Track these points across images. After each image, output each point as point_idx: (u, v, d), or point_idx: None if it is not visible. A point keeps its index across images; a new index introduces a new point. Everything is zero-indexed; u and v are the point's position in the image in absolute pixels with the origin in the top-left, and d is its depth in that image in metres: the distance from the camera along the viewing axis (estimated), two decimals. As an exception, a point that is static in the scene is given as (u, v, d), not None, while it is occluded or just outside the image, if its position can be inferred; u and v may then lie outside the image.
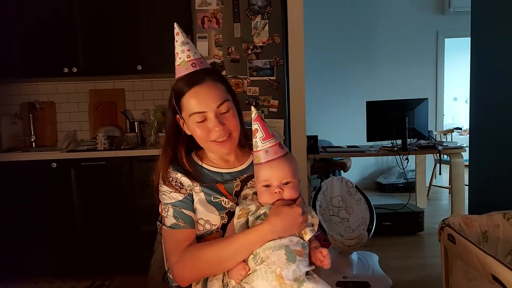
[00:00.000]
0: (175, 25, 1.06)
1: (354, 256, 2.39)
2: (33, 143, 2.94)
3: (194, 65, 1.02)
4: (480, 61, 2.41)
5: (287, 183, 0.97)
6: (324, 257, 0.93)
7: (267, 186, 0.97)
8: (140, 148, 2.67)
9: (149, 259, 1.24)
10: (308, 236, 0.94)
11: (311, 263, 0.93)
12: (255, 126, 0.99)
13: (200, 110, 1.00)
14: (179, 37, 1.05)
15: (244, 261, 0.93)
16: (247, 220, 0.96)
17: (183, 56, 1.03)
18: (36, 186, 2.53)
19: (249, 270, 0.90)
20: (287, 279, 0.86)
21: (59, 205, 2.54)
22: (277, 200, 0.96)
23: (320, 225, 2.25)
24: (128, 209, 2.53)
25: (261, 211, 0.95)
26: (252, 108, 1.01)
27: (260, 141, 0.98)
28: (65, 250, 2.56)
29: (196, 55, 1.04)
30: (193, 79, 1.00)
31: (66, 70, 2.64)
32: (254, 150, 0.99)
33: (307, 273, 0.91)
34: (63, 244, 2.56)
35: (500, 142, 2.23)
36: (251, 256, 0.91)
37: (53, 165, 2.50)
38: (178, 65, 1.03)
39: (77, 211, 2.54)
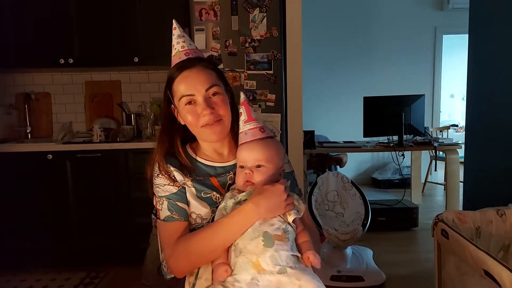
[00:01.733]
0: (174, 21, 1.10)
1: (349, 250, 2.41)
2: (29, 134, 2.92)
3: (187, 54, 1.06)
4: (478, 58, 2.42)
5: (259, 166, 0.98)
6: (311, 262, 0.91)
7: (242, 167, 1.00)
8: (136, 140, 2.66)
9: (144, 251, 1.24)
10: (291, 217, 0.94)
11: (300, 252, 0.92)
12: (240, 109, 1.03)
13: (188, 93, 1.02)
14: (176, 31, 1.09)
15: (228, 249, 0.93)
16: (224, 207, 0.96)
17: (178, 47, 1.07)
18: (31, 178, 2.52)
19: (232, 271, 0.89)
20: (265, 264, 0.85)
21: (54, 197, 2.53)
22: (246, 181, 0.97)
23: (315, 220, 2.26)
24: (124, 201, 2.53)
25: (241, 197, 0.95)
26: (241, 93, 1.05)
27: (242, 124, 1.02)
28: (60, 241, 2.56)
29: (190, 46, 1.08)
30: (183, 65, 1.04)
31: (62, 61, 2.62)
32: (239, 132, 1.03)
33: (296, 260, 0.89)
34: (58, 236, 2.55)
35: (495, 139, 2.25)
36: (233, 248, 0.91)
37: (49, 156, 2.49)
38: (173, 55, 1.07)
39: (73, 203, 2.53)
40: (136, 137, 2.81)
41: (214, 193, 1.03)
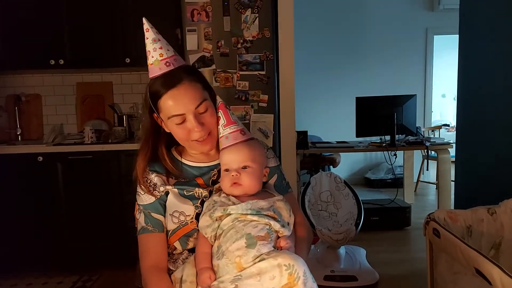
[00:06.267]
0: (144, 20, 1.01)
1: (342, 250, 2.41)
2: (19, 136, 2.89)
3: (168, 64, 0.99)
4: (468, 59, 2.43)
5: (245, 167, 0.98)
6: (282, 246, 0.91)
7: (227, 170, 0.99)
8: (128, 142, 2.64)
9: (137, 254, 1.23)
10: (285, 234, 0.93)
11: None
12: (218, 114, 1.03)
13: (179, 112, 0.98)
14: (149, 34, 1.00)
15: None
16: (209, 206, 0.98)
17: (156, 55, 0.99)
18: (21, 180, 2.48)
19: (215, 278, 0.89)
20: (246, 263, 0.85)
21: (45, 199, 2.50)
22: (234, 183, 0.97)
23: (308, 220, 2.26)
24: (116, 204, 2.51)
25: (231, 210, 0.94)
26: (217, 97, 1.05)
27: (221, 128, 1.02)
28: (51, 245, 2.52)
29: (169, 53, 1.00)
30: (169, 82, 0.98)
31: (52, 62, 2.59)
32: (219, 137, 1.03)
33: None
34: (49, 239, 2.52)
35: (486, 139, 2.27)
36: (215, 249, 0.92)
37: (39, 158, 2.46)
38: (151, 64, 1.00)
39: (64, 205, 2.50)
40: (128, 138, 2.79)
41: (197, 189, 1.04)
